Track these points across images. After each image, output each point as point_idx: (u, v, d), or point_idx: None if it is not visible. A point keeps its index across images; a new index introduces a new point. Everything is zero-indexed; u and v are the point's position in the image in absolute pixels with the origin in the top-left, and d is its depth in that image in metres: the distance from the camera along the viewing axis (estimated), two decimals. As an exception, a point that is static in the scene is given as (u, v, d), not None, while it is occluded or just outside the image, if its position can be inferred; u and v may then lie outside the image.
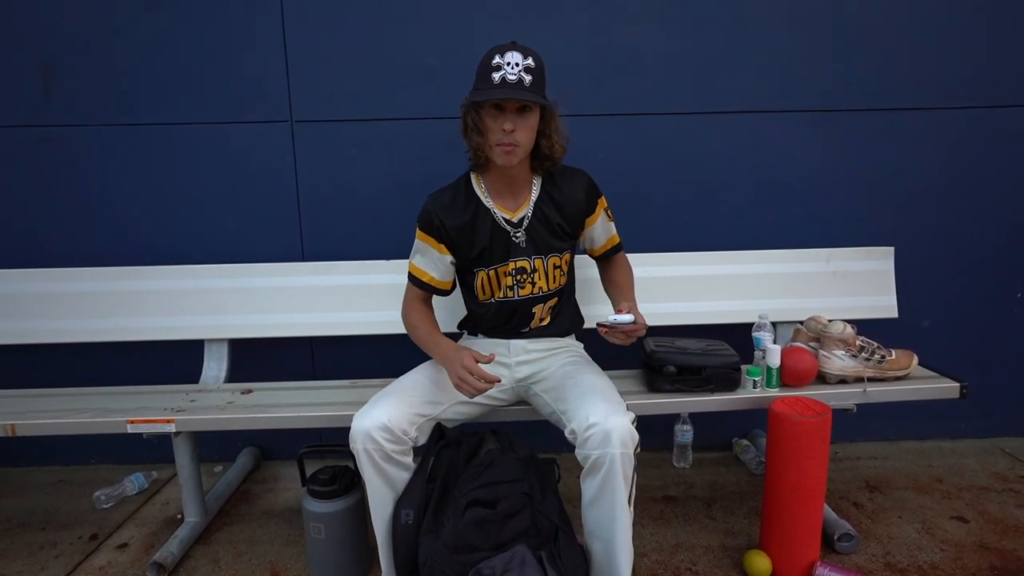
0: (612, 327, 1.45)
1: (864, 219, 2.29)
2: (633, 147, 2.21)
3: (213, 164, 2.19)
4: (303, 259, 2.24)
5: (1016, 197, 2.30)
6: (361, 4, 2.10)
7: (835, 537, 1.80)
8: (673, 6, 2.13)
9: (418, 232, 1.61)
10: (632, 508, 1.39)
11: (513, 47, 1.44)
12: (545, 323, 1.70)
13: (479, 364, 1.42)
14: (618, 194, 2.18)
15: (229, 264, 2.15)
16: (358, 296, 2.13)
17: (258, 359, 2.24)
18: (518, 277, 1.61)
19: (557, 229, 1.61)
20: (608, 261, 1.78)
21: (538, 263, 1.62)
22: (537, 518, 1.40)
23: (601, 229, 1.71)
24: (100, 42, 2.10)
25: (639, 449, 1.36)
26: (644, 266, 2.13)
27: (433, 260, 1.61)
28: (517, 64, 1.41)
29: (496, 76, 1.41)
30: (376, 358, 2.01)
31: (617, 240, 1.76)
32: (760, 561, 1.69)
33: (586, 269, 1.85)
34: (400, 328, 1.68)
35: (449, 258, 1.61)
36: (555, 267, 1.64)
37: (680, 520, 2.00)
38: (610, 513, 1.36)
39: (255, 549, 1.90)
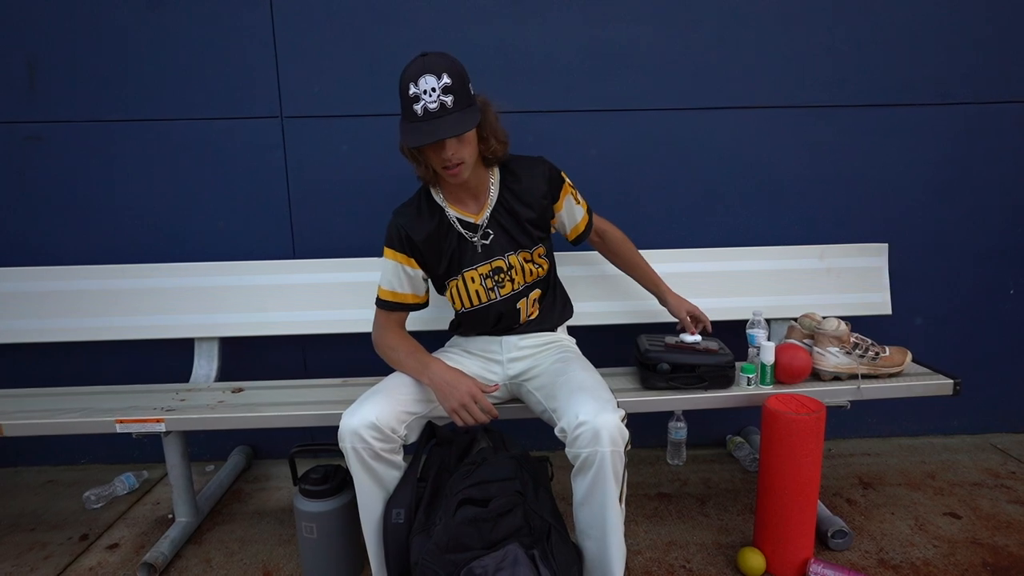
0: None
1: (858, 216, 2.28)
2: (627, 143, 2.20)
3: (202, 161, 2.16)
4: (294, 256, 2.23)
5: (1010, 194, 2.30)
6: (352, -2, 2.08)
7: (828, 534, 1.80)
8: (666, 1, 2.12)
9: (386, 251, 1.59)
10: (624, 506, 1.38)
11: (424, 68, 1.35)
12: (534, 317, 1.69)
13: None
14: (611, 190, 2.19)
15: (219, 262, 2.13)
16: (350, 294, 2.11)
17: (249, 357, 2.23)
18: (496, 277, 1.60)
19: (524, 223, 1.59)
20: (596, 241, 1.79)
21: (512, 260, 1.60)
22: (530, 517, 1.40)
23: (568, 213, 1.69)
24: (87, 37, 2.07)
25: (629, 446, 1.35)
26: (638, 263, 2.13)
27: (406, 277, 1.60)
28: (433, 90, 1.35)
29: (417, 108, 1.36)
30: (368, 356, 1.98)
31: (587, 219, 1.74)
32: (754, 558, 1.69)
33: (566, 267, 1.84)
34: (392, 326, 1.67)
35: (421, 273, 1.61)
36: (527, 261, 1.62)
37: (674, 517, 1.99)
38: (601, 512, 1.35)
39: (247, 549, 1.89)
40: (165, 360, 2.18)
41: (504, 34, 2.11)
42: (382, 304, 1.63)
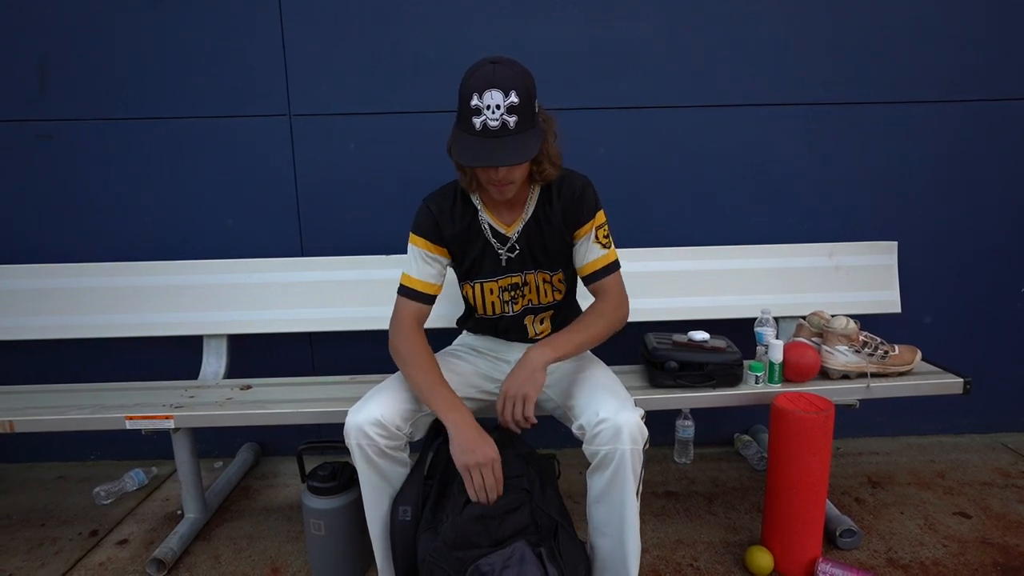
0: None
1: (867, 214, 2.27)
2: (634, 141, 2.19)
3: (211, 159, 2.17)
4: (302, 254, 2.23)
5: (1019, 191, 2.29)
6: (360, -3, 2.09)
7: (837, 533, 1.79)
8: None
9: (413, 238, 1.52)
10: (639, 503, 1.38)
11: (491, 81, 1.26)
12: (544, 335, 1.67)
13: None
14: (619, 188, 2.18)
15: (228, 259, 2.14)
16: (357, 291, 2.12)
17: (257, 355, 2.23)
18: (512, 293, 1.58)
19: (549, 244, 1.53)
20: (594, 291, 1.55)
21: (529, 278, 1.57)
22: (537, 514, 1.39)
23: (585, 248, 1.52)
24: (97, 36, 2.08)
25: (647, 445, 1.34)
26: (646, 261, 2.13)
27: (430, 265, 1.52)
28: (498, 107, 1.26)
29: (476, 122, 1.28)
30: (376, 353, 1.99)
31: (598, 267, 1.52)
32: (762, 557, 1.68)
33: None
34: (400, 324, 1.66)
35: (447, 260, 1.55)
36: (545, 282, 1.58)
37: (681, 516, 1.99)
38: (620, 510, 1.35)
39: (255, 545, 1.90)
40: (174, 357, 2.19)
41: (510, 32, 2.10)
42: (405, 292, 1.54)
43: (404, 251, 1.55)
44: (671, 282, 2.14)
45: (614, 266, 1.54)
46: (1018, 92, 2.21)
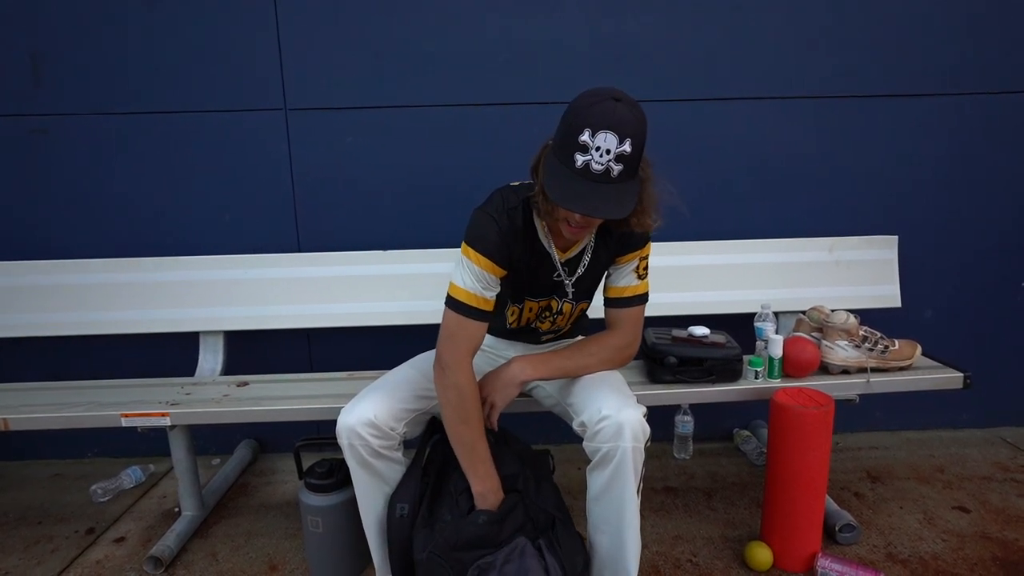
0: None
1: (867, 208, 2.26)
2: (633, 135, 2.18)
3: (206, 153, 2.15)
4: (299, 250, 2.22)
5: (1021, 185, 2.28)
6: (356, -11, 2.07)
7: (836, 528, 1.79)
8: (674, -9, 2.09)
9: (471, 253, 1.34)
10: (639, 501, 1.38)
11: (609, 123, 1.15)
12: (548, 341, 1.67)
13: None
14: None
15: (224, 255, 2.13)
16: (355, 287, 2.10)
17: (254, 351, 2.22)
18: (543, 313, 1.56)
19: (596, 275, 1.50)
20: (610, 316, 1.51)
21: (566, 307, 1.54)
22: (532, 511, 1.39)
23: (621, 273, 1.48)
24: (90, 30, 2.06)
25: (649, 443, 1.34)
26: (644, 256, 2.12)
27: (489, 282, 1.37)
28: (608, 151, 1.16)
29: (580, 160, 1.17)
30: (374, 350, 2.00)
31: (627, 295, 1.47)
32: (761, 552, 1.68)
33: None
34: (398, 320, 1.64)
35: (499, 279, 1.40)
36: (583, 311, 1.58)
37: (681, 511, 1.99)
38: (619, 507, 1.34)
39: (253, 542, 1.89)
40: (170, 354, 2.17)
41: (510, 25, 2.09)
42: (459, 307, 1.35)
43: (402, 246, 1.53)
44: (670, 277, 2.12)
45: (642, 299, 1.49)
46: (1021, 85, 2.20)
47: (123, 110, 2.12)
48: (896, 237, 2.18)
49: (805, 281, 2.14)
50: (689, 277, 2.13)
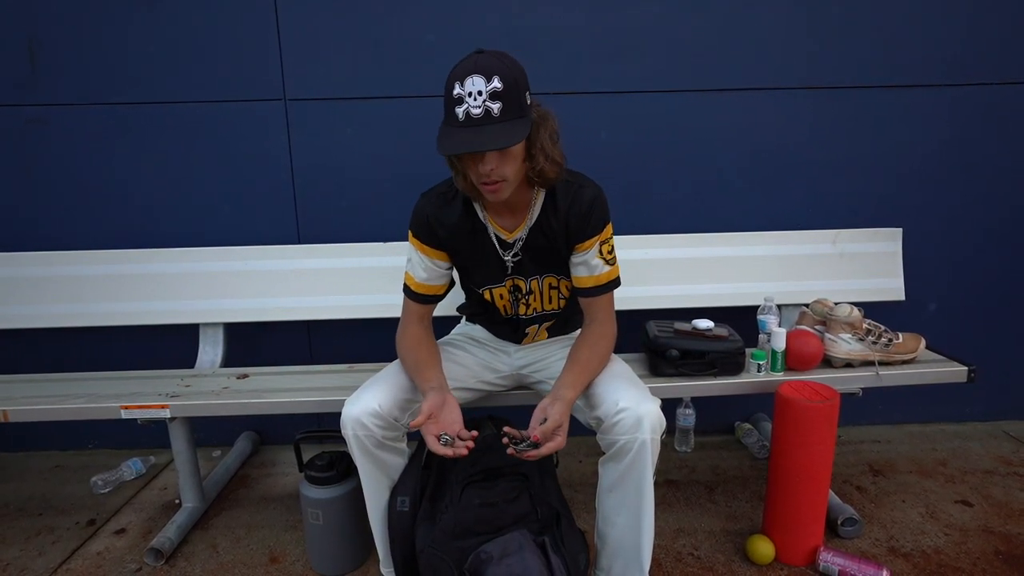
0: (517, 446, 1.26)
1: (871, 200, 2.24)
2: (636, 126, 2.16)
3: (205, 144, 2.14)
4: (299, 242, 2.20)
5: (1026, 177, 2.26)
6: (356, -22, 2.04)
7: (838, 522, 1.78)
8: (677, -21, 2.07)
9: (411, 237, 1.47)
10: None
11: (473, 68, 1.20)
12: (541, 340, 1.65)
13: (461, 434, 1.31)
14: (620, 174, 2.15)
15: (224, 247, 2.12)
16: (355, 279, 2.09)
17: (254, 343, 2.22)
18: (515, 295, 1.54)
19: (552, 252, 1.46)
20: (585, 305, 1.49)
21: (533, 284, 1.52)
22: (537, 502, 1.39)
23: (584, 264, 1.45)
24: (88, 18, 2.04)
25: (665, 435, 1.33)
26: (647, 248, 2.11)
27: (428, 267, 1.48)
28: (480, 93, 1.20)
29: (459, 111, 1.22)
30: (374, 342, 1.98)
31: (600, 283, 1.45)
32: (763, 546, 1.68)
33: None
34: (399, 311, 1.63)
35: (446, 264, 1.50)
36: (551, 288, 1.53)
37: (682, 504, 1.98)
38: (636, 498, 1.34)
39: (253, 534, 1.89)
40: (170, 346, 2.17)
41: (510, 14, 2.06)
42: (404, 289, 1.52)
43: (402, 238, 1.52)
44: (673, 269, 2.11)
45: (613, 284, 1.48)
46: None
47: (121, 100, 2.10)
48: (900, 229, 2.16)
49: (808, 274, 2.13)
50: (692, 270, 2.12)
